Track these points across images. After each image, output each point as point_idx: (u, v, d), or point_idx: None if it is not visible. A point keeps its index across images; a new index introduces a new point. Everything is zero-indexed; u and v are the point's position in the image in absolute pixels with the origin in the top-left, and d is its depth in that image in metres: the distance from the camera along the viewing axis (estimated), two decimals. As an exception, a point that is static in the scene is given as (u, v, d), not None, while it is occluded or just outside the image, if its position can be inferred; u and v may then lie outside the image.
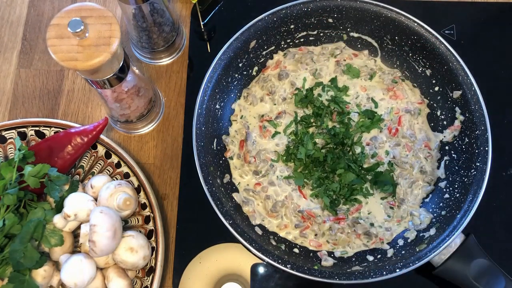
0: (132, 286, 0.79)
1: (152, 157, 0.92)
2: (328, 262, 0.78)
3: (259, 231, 0.81)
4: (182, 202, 0.88)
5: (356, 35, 0.92)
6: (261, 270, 0.84)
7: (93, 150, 0.87)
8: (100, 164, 0.87)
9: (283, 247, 0.80)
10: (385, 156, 0.86)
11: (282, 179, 0.85)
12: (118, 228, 0.74)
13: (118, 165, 0.85)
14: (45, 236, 0.76)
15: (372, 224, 0.82)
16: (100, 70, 0.69)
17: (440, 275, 0.78)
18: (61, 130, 0.86)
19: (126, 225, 0.83)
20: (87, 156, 0.87)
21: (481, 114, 0.81)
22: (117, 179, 0.84)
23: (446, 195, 0.82)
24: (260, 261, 0.83)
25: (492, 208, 0.86)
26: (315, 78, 0.91)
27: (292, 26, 0.90)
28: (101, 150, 0.86)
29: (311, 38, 0.93)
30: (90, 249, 0.73)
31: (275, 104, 0.89)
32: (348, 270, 0.76)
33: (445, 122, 0.87)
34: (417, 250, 0.77)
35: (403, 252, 0.78)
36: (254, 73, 0.92)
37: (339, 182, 0.83)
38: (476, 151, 0.80)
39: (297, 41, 0.93)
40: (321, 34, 0.92)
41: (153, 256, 0.80)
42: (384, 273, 0.74)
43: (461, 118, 0.84)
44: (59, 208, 0.78)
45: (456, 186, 0.81)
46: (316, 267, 0.77)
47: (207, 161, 0.81)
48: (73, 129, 0.84)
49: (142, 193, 0.83)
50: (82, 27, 0.65)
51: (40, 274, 0.75)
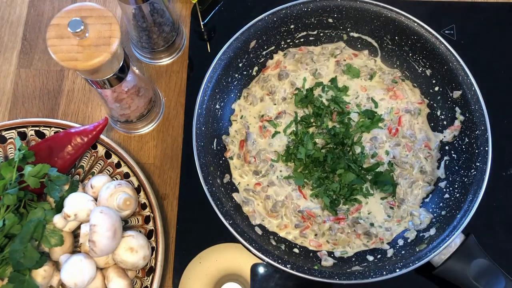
0: (132, 286, 0.79)
1: (152, 157, 0.92)
2: (328, 262, 0.78)
3: (259, 231, 0.81)
4: (182, 202, 0.88)
5: (356, 35, 0.92)
6: (261, 270, 0.84)
7: (93, 150, 0.87)
8: (100, 164, 0.87)
9: (283, 247, 0.80)
10: (385, 156, 0.86)
11: (282, 179, 0.85)
12: (118, 228, 0.74)
13: (118, 165, 0.85)
14: (45, 236, 0.76)
15: (372, 224, 0.82)
16: (100, 70, 0.69)
17: (440, 275, 0.78)
18: (61, 130, 0.86)
19: (126, 225, 0.83)
20: (87, 156, 0.87)
21: (481, 114, 0.81)
22: (117, 179, 0.84)
23: (446, 195, 0.82)
24: (260, 261, 0.83)
25: (492, 208, 0.86)
26: (315, 78, 0.91)
27: (292, 26, 0.90)
28: (101, 150, 0.86)
29: (311, 38, 0.93)
30: (90, 249, 0.73)
31: (275, 104, 0.89)
32: (348, 270, 0.76)
33: (445, 122, 0.87)
34: (417, 250, 0.77)
35: (403, 252, 0.78)
36: (254, 73, 0.92)
37: (339, 182, 0.83)
38: (476, 151, 0.80)
39: (297, 41, 0.93)
40: (321, 34, 0.92)
41: (153, 256, 0.80)
42: (384, 273, 0.74)
43: (461, 118, 0.84)
44: (59, 208, 0.78)
45: (456, 186, 0.81)
46: (316, 267, 0.77)
47: (207, 161, 0.81)
48: (73, 129, 0.84)
49: (142, 193, 0.83)
50: (82, 27, 0.65)
51: (40, 274, 0.75)
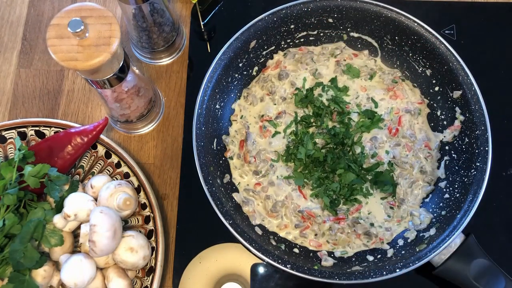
0: (132, 286, 0.79)
1: (152, 157, 0.92)
2: (328, 262, 0.78)
3: (259, 231, 0.81)
4: (182, 202, 0.88)
5: (356, 35, 0.92)
6: (261, 270, 0.84)
7: (93, 150, 0.87)
8: (100, 164, 0.87)
9: (283, 247, 0.80)
10: (385, 156, 0.86)
11: (282, 179, 0.85)
12: (118, 228, 0.74)
13: (118, 165, 0.85)
14: (45, 236, 0.76)
15: (372, 224, 0.82)
16: (100, 70, 0.69)
17: (440, 275, 0.78)
18: (61, 130, 0.86)
19: (126, 225, 0.83)
20: (87, 156, 0.87)
21: (481, 114, 0.81)
22: (117, 179, 0.84)
23: (446, 195, 0.82)
24: (260, 261, 0.83)
25: (492, 208, 0.86)
26: (315, 78, 0.91)
27: (292, 26, 0.90)
28: (101, 150, 0.86)
29: (311, 38, 0.93)
30: (90, 249, 0.73)
31: (275, 104, 0.89)
32: (348, 270, 0.76)
33: (445, 122, 0.87)
34: (417, 250, 0.77)
35: (403, 252, 0.78)
36: (254, 73, 0.92)
37: (339, 182, 0.83)
38: (476, 151, 0.80)
39: (297, 41, 0.92)
40: (321, 34, 0.92)
41: (153, 256, 0.80)
42: (384, 273, 0.74)
43: (461, 118, 0.84)
44: (59, 208, 0.78)
45: (456, 186, 0.81)
46: (316, 267, 0.77)
47: (207, 161, 0.81)
48: (73, 129, 0.84)
49: (142, 193, 0.83)
50: (82, 27, 0.65)
51: (40, 274, 0.75)
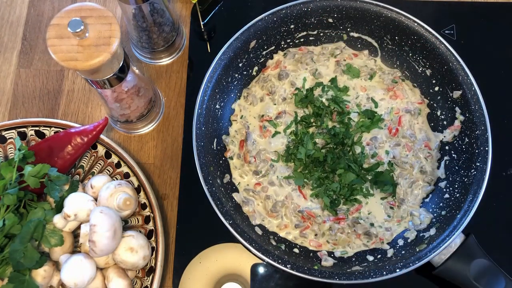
0: (132, 286, 0.79)
1: (152, 157, 0.92)
2: (328, 262, 0.78)
3: (259, 231, 0.81)
4: (182, 202, 0.88)
5: (356, 35, 0.92)
6: (261, 270, 0.84)
7: (93, 150, 0.87)
8: (100, 164, 0.87)
9: (283, 247, 0.80)
10: (385, 156, 0.86)
11: (282, 179, 0.85)
12: (118, 228, 0.74)
13: (118, 165, 0.85)
14: (45, 236, 0.76)
15: (372, 224, 0.82)
16: (100, 70, 0.69)
17: (440, 275, 0.78)
18: (61, 130, 0.86)
19: (126, 225, 0.83)
20: (87, 156, 0.87)
21: (481, 114, 0.81)
22: (117, 179, 0.84)
23: (446, 195, 0.82)
24: (260, 261, 0.83)
25: (492, 208, 0.86)
26: (315, 78, 0.91)
27: (292, 26, 0.90)
28: (101, 150, 0.86)
29: (311, 38, 0.93)
30: (90, 249, 0.73)
31: (275, 104, 0.89)
32: (348, 270, 0.76)
33: (445, 122, 0.87)
34: (417, 250, 0.77)
35: (403, 252, 0.78)
36: (254, 73, 0.92)
37: (339, 182, 0.83)
38: (476, 151, 0.80)
39: (297, 41, 0.92)
40: (321, 34, 0.92)
41: (153, 256, 0.80)
42: (384, 273, 0.74)
43: (461, 118, 0.84)
44: (59, 208, 0.78)
45: (456, 186, 0.81)
46: (316, 267, 0.77)
47: (207, 161, 0.81)
48: (73, 129, 0.84)
49: (142, 193, 0.83)
50: (82, 27, 0.65)
51: (40, 274, 0.75)
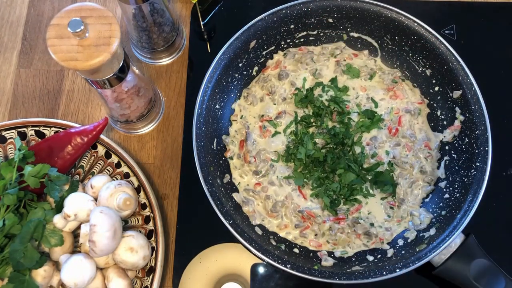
0: (132, 286, 0.79)
1: (152, 157, 0.92)
2: (328, 262, 0.78)
3: (259, 231, 0.81)
4: (182, 202, 0.88)
5: (356, 35, 0.92)
6: (261, 270, 0.84)
7: (93, 150, 0.87)
8: (100, 164, 0.87)
9: (283, 247, 0.80)
10: (385, 156, 0.86)
11: (282, 179, 0.85)
12: (118, 228, 0.74)
13: (118, 165, 0.85)
14: (45, 236, 0.76)
15: (372, 224, 0.82)
16: (100, 70, 0.69)
17: (440, 275, 0.78)
18: (61, 130, 0.86)
19: (126, 225, 0.83)
20: (87, 156, 0.87)
21: (481, 114, 0.81)
22: (117, 179, 0.84)
23: (446, 195, 0.82)
24: (260, 261, 0.83)
25: (492, 208, 0.86)
26: (315, 78, 0.91)
27: (292, 26, 0.90)
28: (101, 150, 0.86)
29: (311, 38, 0.93)
30: (90, 249, 0.73)
31: (275, 104, 0.89)
32: (348, 270, 0.76)
33: (445, 122, 0.87)
34: (417, 250, 0.77)
35: (403, 252, 0.78)
36: (254, 73, 0.92)
37: (339, 182, 0.83)
38: (476, 151, 0.80)
39: (297, 41, 0.92)
40: (321, 34, 0.92)
41: (153, 256, 0.80)
42: (384, 273, 0.74)
43: (461, 118, 0.84)
44: (59, 208, 0.78)
45: (456, 186, 0.81)
46: (316, 267, 0.77)
47: (207, 161, 0.81)
48: (73, 129, 0.84)
49: (142, 193, 0.83)
50: (82, 27, 0.65)
51: (40, 274, 0.75)
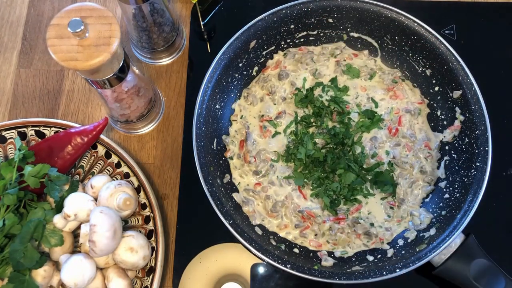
0: (132, 286, 0.79)
1: (152, 157, 0.92)
2: (328, 262, 0.78)
3: (259, 231, 0.81)
4: (182, 202, 0.88)
5: (356, 35, 0.92)
6: (261, 270, 0.84)
7: (93, 150, 0.87)
8: (100, 164, 0.87)
9: (283, 247, 0.80)
10: (385, 156, 0.86)
11: (282, 179, 0.85)
12: (118, 228, 0.74)
13: (118, 165, 0.85)
14: (45, 236, 0.76)
15: (372, 224, 0.82)
16: (100, 70, 0.69)
17: (440, 275, 0.78)
18: (61, 130, 0.86)
19: (126, 225, 0.83)
20: (87, 156, 0.87)
21: (481, 114, 0.81)
22: (117, 179, 0.84)
23: (446, 195, 0.82)
24: (260, 261, 0.83)
25: (492, 208, 0.86)
26: (315, 78, 0.91)
27: (292, 26, 0.90)
28: (101, 150, 0.86)
29: (311, 38, 0.93)
30: (90, 249, 0.73)
31: (275, 104, 0.89)
32: (348, 270, 0.76)
33: (445, 122, 0.87)
34: (417, 250, 0.77)
35: (403, 252, 0.78)
36: (254, 73, 0.92)
37: (339, 182, 0.83)
38: (476, 151, 0.80)
39: (297, 41, 0.92)
40: (321, 34, 0.92)
41: (153, 256, 0.80)
42: (384, 273, 0.74)
43: (461, 118, 0.84)
44: (59, 208, 0.78)
45: (456, 186, 0.81)
46: (316, 267, 0.77)
47: (207, 161, 0.81)
48: (73, 129, 0.84)
49: (142, 193, 0.83)
50: (82, 27, 0.65)
51: (40, 274, 0.75)
